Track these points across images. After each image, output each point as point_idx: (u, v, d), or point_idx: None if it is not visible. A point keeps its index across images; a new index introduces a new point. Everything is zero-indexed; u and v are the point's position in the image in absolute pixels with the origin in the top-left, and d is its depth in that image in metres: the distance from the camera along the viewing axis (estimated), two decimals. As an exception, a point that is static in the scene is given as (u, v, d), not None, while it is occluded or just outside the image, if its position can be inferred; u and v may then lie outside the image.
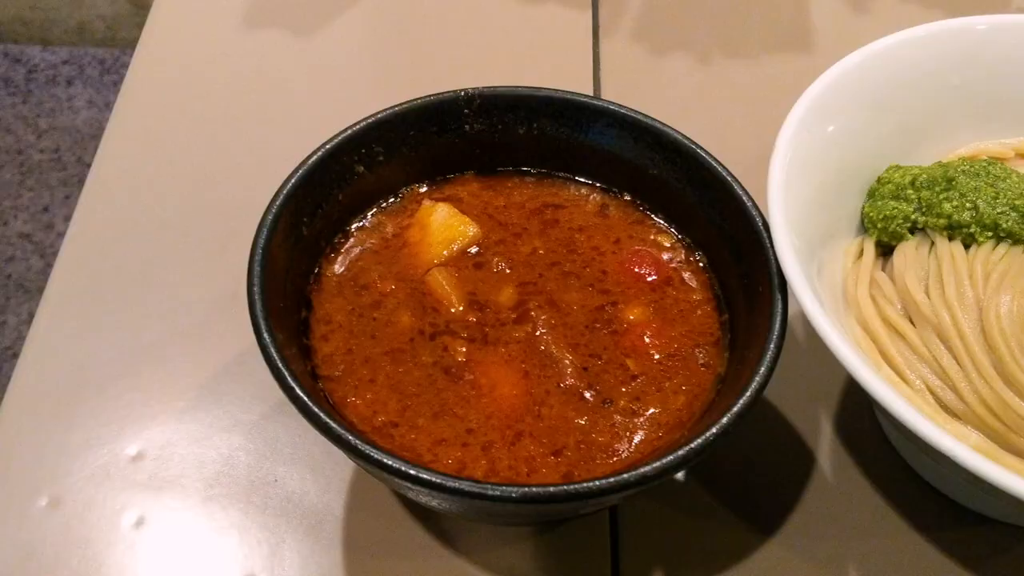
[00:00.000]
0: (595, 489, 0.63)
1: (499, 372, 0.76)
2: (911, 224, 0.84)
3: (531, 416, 0.74)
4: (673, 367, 0.77)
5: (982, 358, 0.73)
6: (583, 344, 0.78)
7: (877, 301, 0.81)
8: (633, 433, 0.73)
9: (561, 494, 0.63)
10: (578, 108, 0.88)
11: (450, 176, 0.91)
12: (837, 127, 0.86)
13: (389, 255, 0.85)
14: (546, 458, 0.72)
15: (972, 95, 0.94)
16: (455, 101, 0.87)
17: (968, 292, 0.76)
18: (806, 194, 0.83)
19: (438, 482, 0.63)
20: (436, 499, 0.66)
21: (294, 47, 1.31)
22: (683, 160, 0.84)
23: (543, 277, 0.83)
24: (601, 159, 0.89)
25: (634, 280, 0.83)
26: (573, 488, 0.63)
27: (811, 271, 0.81)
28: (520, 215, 0.88)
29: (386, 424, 0.73)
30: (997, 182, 0.82)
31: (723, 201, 0.81)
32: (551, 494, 0.63)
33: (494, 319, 0.80)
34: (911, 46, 0.89)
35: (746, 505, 0.86)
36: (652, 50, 1.34)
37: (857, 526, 0.86)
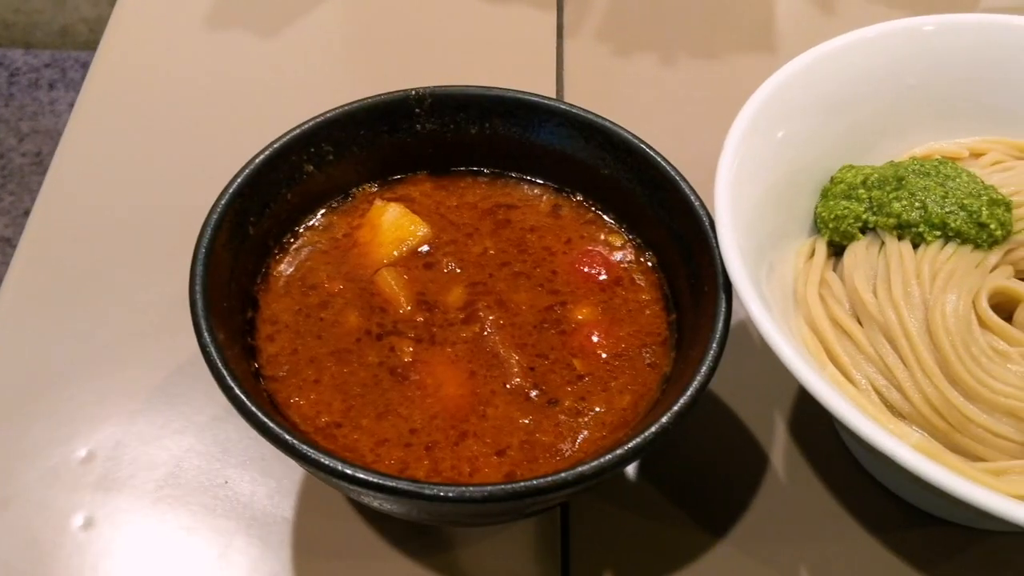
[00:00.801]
0: (532, 488, 0.63)
1: (445, 372, 0.76)
2: (862, 224, 0.84)
3: (476, 416, 0.73)
4: (620, 367, 0.77)
5: (927, 357, 0.73)
6: (531, 344, 0.78)
7: (826, 301, 0.80)
8: (577, 433, 0.73)
9: (498, 493, 0.63)
10: (529, 108, 0.87)
11: (403, 176, 0.91)
12: (788, 128, 0.86)
13: (338, 255, 0.84)
14: (489, 458, 0.71)
15: (928, 94, 0.94)
16: (406, 100, 0.87)
17: (915, 291, 0.76)
18: (756, 195, 0.83)
19: (374, 481, 0.63)
20: (375, 499, 0.66)
21: (256, 48, 1.31)
22: (633, 160, 0.84)
23: (493, 277, 0.82)
24: (554, 159, 0.88)
25: (584, 280, 0.82)
26: (510, 488, 0.63)
27: (760, 271, 0.80)
28: (472, 215, 0.88)
29: (329, 425, 0.73)
30: (947, 181, 0.81)
31: (672, 201, 0.81)
32: (487, 494, 0.63)
33: (442, 319, 0.79)
34: (861, 47, 0.89)
35: (699, 506, 0.86)
36: (616, 51, 1.34)
37: (810, 527, 0.86)
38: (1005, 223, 0.80)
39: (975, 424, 0.71)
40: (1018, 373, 0.72)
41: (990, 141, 0.94)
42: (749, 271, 0.74)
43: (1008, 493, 0.68)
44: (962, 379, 0.72)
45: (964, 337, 0.73)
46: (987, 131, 0.96)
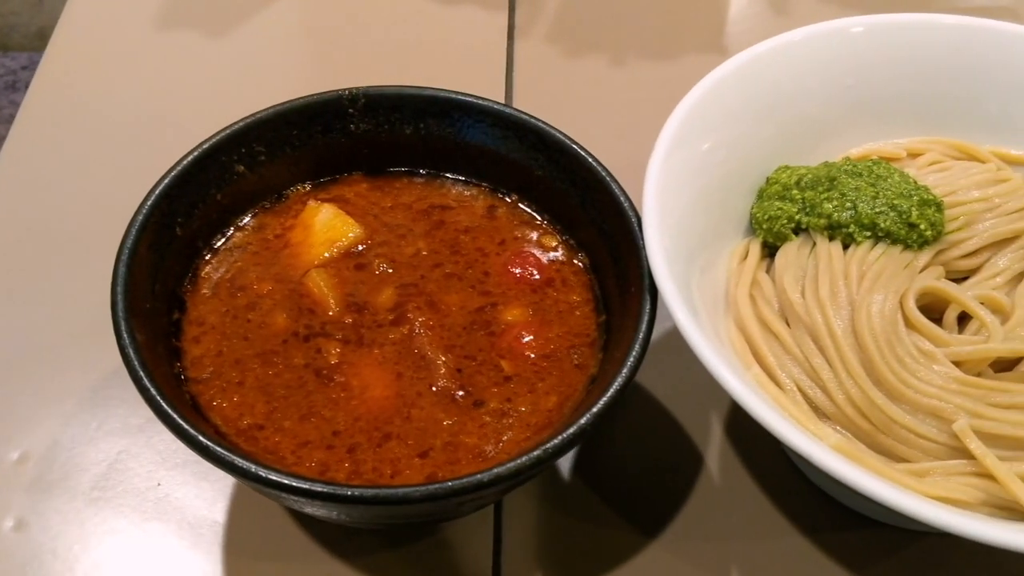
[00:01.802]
0: (447, 490, 0.63)
1: (371, 374, 0.75)
2: (795, 225, 0.84)
3: (400, 418, 0.73)
4: (547, 368, 0.77)
5: (851, 358, 0.73)
6: (459, 346, 0.78)
7: (756, 302, 0.80)
8: (502, 434, 0.73)
9: (413, 495, 0.63)
10: (463, 108, 0.87)
11: (338, 176, 0.90)
12: (719, 130, 0.86)
13: (269, 256, 0.84)
14: (411, 460, 0.71)
15: (866, 95, 0.94)
16: (338, 100, 0.87)
17: (842, 292, 0.76)
18: (687, 196, 0.83)
19: (285, 483, 0.63)
20: (291, 501, 0.65)
21: (203, 49, 1.31)
22: (566, 160, 0.83)
23: (425, 278, 0.82)
24: (489, 160, 0.88)
25: (515, 281, 0.82)
26: (425, 490, 0.63)
27: (691, 272, 0.80)
28: (407, 216, 0.87)
29: (251, 427, 0.72)
30: (879, 182, 0.81)
31: (602, 202, 0.81)
32: (402, 496, 0.62)
33: (371, 321, 0.79)
34: (789, 50, 0.89)
35: (632, 507, 0.86)
36: (567, 52, 1.33)
37: (742, 528, 0.86)
38: (936, 223, 0.80)
39: (898, 425, 0.71)
40: (942, 374, 0.72)
41: (928, 141, 0.94)
42: (675, 272, 0.74)
43: (928, 495, 0.68)
44: (886, 380, 0.71)
45: (889, 338, 0.73)
46: (926, 131, 0.96)
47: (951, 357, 0.74)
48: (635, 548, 0.84)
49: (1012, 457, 0.70)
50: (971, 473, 0.70)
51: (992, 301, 0.78)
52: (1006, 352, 0.74)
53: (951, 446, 0.70)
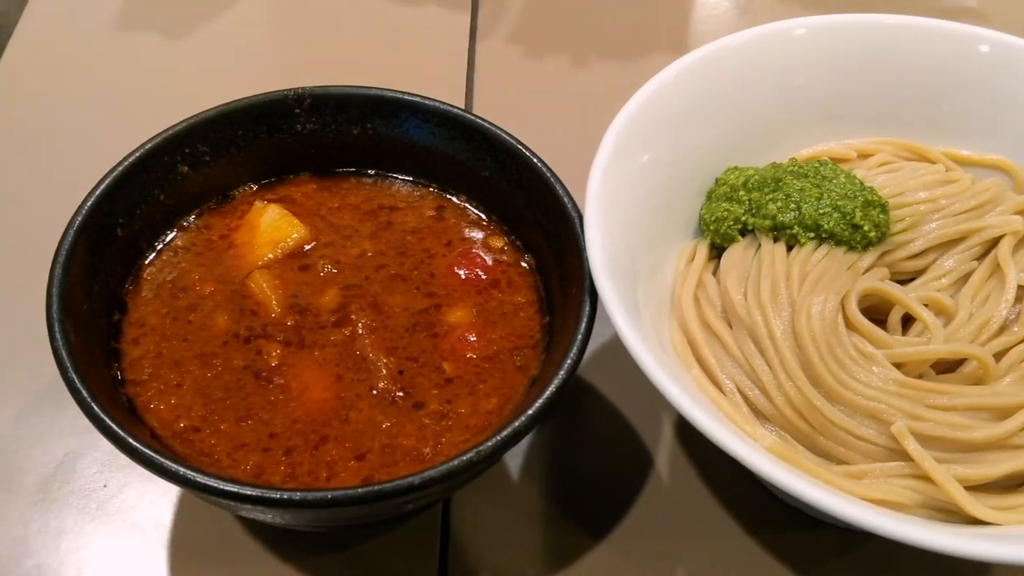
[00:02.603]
0: (377, 493, 0.63)
1: (311, 376, 0.75)
2: (742, 226, 0.84)
3: (338, 420, 0.73)
4: (489, 370, 0.76)
5: (790, 360, 0.73)
6: (402, 347, 0.77)
7: (700, 303, 0.80)
8: (441, 436, 0.72)
9: (343, 498, 0.63)
10: (410, 108, 0.87)
11: (286, 177, 0.90)
12: (667, 131, 0.86)
13: (213, 257, 0.83)
14: (348, 462, 0.70)
15: (818, 95, 0.94)
16: (284, 100, 0.86)
17: (783, 293, 0.76)
18: (634, 197, 0.82)
19: (212, 486, 0.62)
20: (224, 505, 0.65)
21: (163, 49, 1.30)
22: (512, 161, 0.83)
23: (369, 280, 0.82)
24: (437, 160, 0.88)
25: (461, 283, 0.82)
26: (355, 493, 0.63)
27: (636, 273, 0.80)
28: (354, 217, 0.87)
29: (188, 429, 0.72)
30: (824, 183, 0.81)
31: (547, 203, 0.80)
32: (330, 499, 0.62)
33: (313, 322, 0.79)
34: (735, 51, 0.89)
35: (581, 508, 0.86)
36: (528, 52, 1.33)
37: (690, 529, 0.85)
38: (880, 224, 0.80)
39: (836, 426, 0.71)
40: (881, 376, 0.72)
41: (879, 142, 0.94)
42: (617, 274, 0.74)
43: (863, 497, 0.68)
44: (824, 381, 0.71)
45: (829, 339, 0.73)
46: (879, 132, 0.95)
47: (891, 359, 0.74)
48: (582, 549, 0.84)
49: (950, 459, 0.70)
50: (908, 475, 0.70)
51: (936, 303, 0.78)
52: (946, 353, 0.74)
53: (889, 448, 0.70)
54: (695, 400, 0.66)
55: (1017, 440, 0.70)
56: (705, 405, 0.70)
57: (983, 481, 0.70)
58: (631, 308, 0.73)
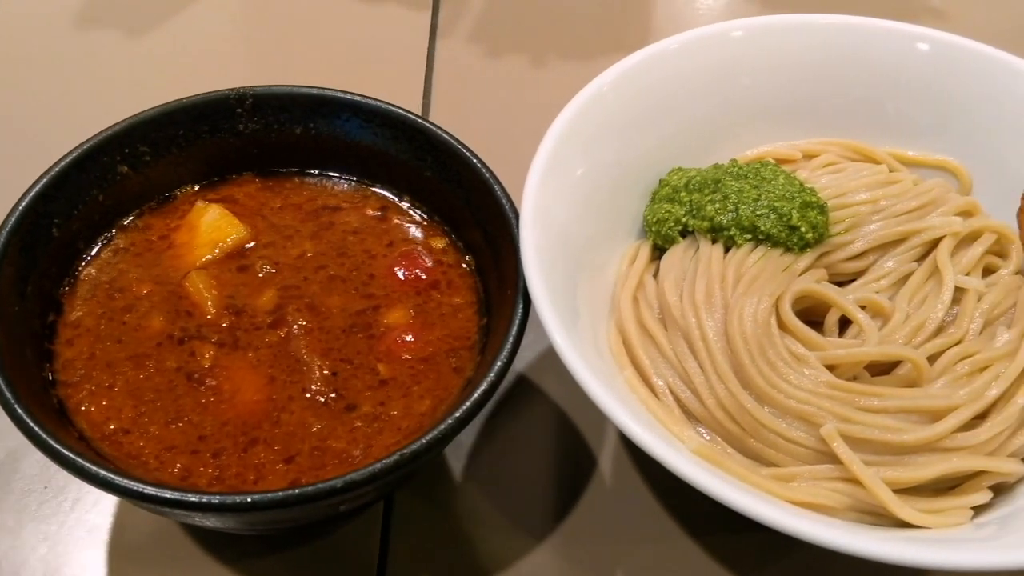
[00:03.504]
0: (296, 497, 0.62)
1: (244, 377, 0.75)
2: (682, 227, 0.83)
3: (269, 423, 0.72)
4: (424, 371, 0.76)
5: (722, 361, 0.72)
6: (337, 349, 0.77)
7: (639, 304, 0.80)
8: (372, 438, 0.72)
9: (262, 502, 0.62)
10: (352, 108, 0.87)
11: (229, 176, 0.89)
12: (609, 132, 0.86)
13: (152, 257, 0.83)
14: (276, 465, 0.70)
15: (766, 96, 0.94)
16: (225, 100, 0.86)
17: (716, 295, 0.76)
18: (575, 198, 0.82)
19: (131, 488, 0.62)
20: (146, 508, 0.65)
21: (124, 47, 1.29)
22: (452, 161, 0.83)
23: (308, 280, 0.81)
24: (380, 161, 0.88)
25: (400, 284, 0.82)
26: (273, 496, 0.62)
27: (578, 273, 0.80)
28: (295, 217, 0.87)
29: (117, 431, 0.72)
30: (762, 184, 0.81)
31: (486, 204, 0.80)
32: (249, 503, 0.62)
33: (249, 323, 0.78)
34: (677, 52, 0.89)
35: (523, 510, 0.86)
36: (488, 52, 1.33)
37: (631, 531, 0.85)
38: (818, 226, 0.80)
39: (766, 429, 0.71)
40: (812, 378, 0.72)
41: (825, 143, 0.93)
42: (553, 275, 0.74)
43: (790, 500, 0.68)
44: (755, 383, 0.71)
45: (760, 341, 0.72)
46: (827, 132, 0.95)
47: (824, 361, 0.73)
48: (522, 551, 0.84)
49: (880, 462, 0.70)
50: (837, 478, 0.69)
51: (873, 304, 0.78)
52: (878, 356, 0.73)
53: (819, 450, 0.70)
54: (622, 402, 0.66)
55: (948, 443, 0.70)
56: (634, 407, 0.70)
57: (912, 484, 0.69)
58: (566, 309, 0.73)
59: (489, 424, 0.90)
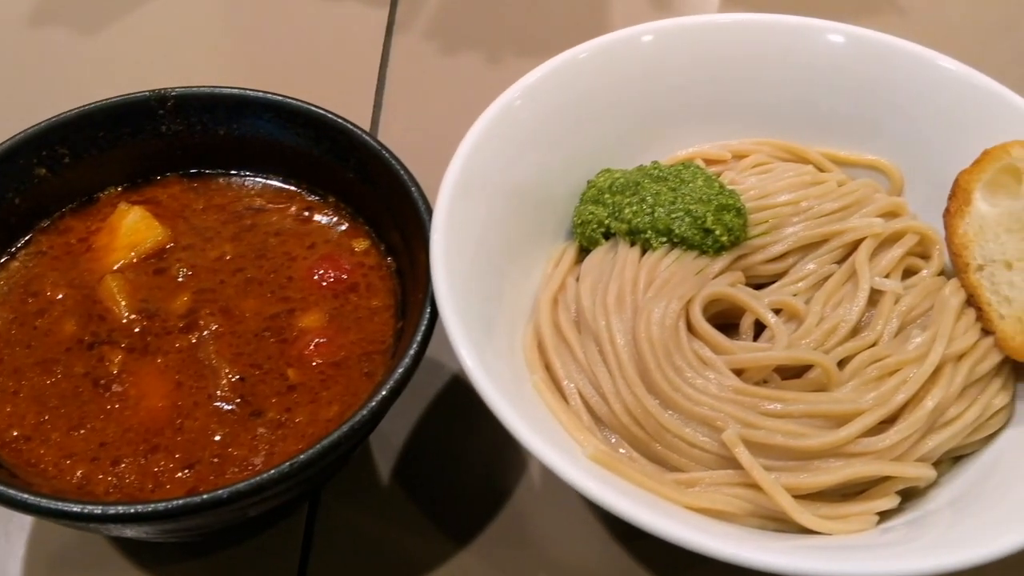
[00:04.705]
0: (181, 508, 0.62)
1: (151, 383, 0.74)
2: (605, 229, 0.83)
3: (171, 429, 0.72)
4: (334, 376, 0.75)
5: (628, 366, 0.72)
6: (247, 353, 0.76)
7: (558, 306, 0.79)
8: (274, 446, 0.72)
9: (147, 513, 0.62)
10: (274, 108, 0.86)
11: (154, 178, 0.88)
12: (534, 133, 0.85)
13: (70, 260, 0.82)
14: (175, 473, 0.70)
15: (697, 96, 0.93)
16: (146, 101, 0.85)
17: (627, 298, 0.75)
18: (497, 199, 0.82)
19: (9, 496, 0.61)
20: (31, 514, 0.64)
21: (77, 47, 1.28)
22: (372, 162, 0.83)
23: (224, 284, 0.81)
24: (305, 161, 0.87)
25: (318, 286, 0.81)
26: (157, 508, 0.62)
27: (502, 275, 0.80)
28: (218, 219, 0.86)
29: (19, 438, 0.72)
30: (681, 186, 0.80)
31: (403, 206, 0.80)
32: (133, 514, 0.61)
33: (160, 327, 0.78)
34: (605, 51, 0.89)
35: (450, 514, 0.86)
36: (443, 48, 1.32)
37: (557, 534, 0.85)
38: (734, 229, 0.79)
39: (671, 433, 0.70)
40: (718, 382, 0.71)
41: (757, 143, 0.92)
42: (465, 278, 0.74)
43: (688, 505, 0.67)
44: (660, 388, 0.71)
45: (667, 345, 0.72)
46: (761, 132, 0.94)
47: (731, 365, 0.73)
48: (446, 555, 0.83)
49: (783, 467, 0.69)
50: (739, 483, 0.69)
51: (789, 306, 0.77)
52: (785, 360, 0.73)
53: (722, 456, 0.69)
54: (519, 406, 0.65)
55: (852, 448, 0.69)
56: (536, 412, 0.69)
57: (814, 489, 0.69)
58: (477, 312, 0.73)
59: (421, 425, 0.89)
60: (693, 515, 0.66)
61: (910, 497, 0.73)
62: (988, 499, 0.70)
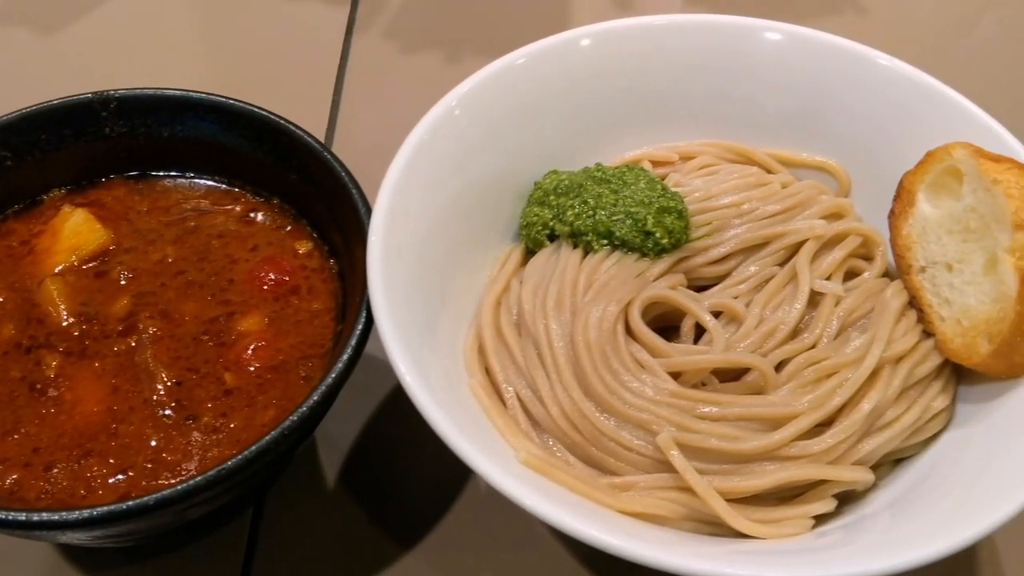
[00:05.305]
0: (106, 515, 0.62)
1: (88, 387, 0.74)
2: (550, 231, 0.82)
3: (106, 434, 0.71)
4: (272, 380, 0.75)
5: (566, 369, 0.72)
6: (185, 357, 0.76)
7: (501, 309, 0.79)
8: (207, 451, 0.71)
9: (71, 521, 0.61)
10: (217, 110, 0.86)
11: (99, 180, 0.88)
12: (479, 134, 0.85)
13: (11, 264, 0.82)
14: (108, 479, 0.70)
15: (645, 97, 0.93)
16: (89, 103, 0.85)
17: (567, 301, 0.75)
18: (440, 200, 0.82)
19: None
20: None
21: (29, 49, 1.28)
22: (314, 163, 0.82)
23: (165, 287, 0.80)
24: (247, 163, 0.87)
25: (259, 289, 0.81)
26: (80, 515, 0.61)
27: (444, 277, 0.79)
28: (161, 221, 0.86)
29: (-50, 445, 0.70)
30: (623, 188, 0.80)
31: (344, 207, 0.80)
32: (58, 521, 0.61)
33: (99, 331, 0.77)
34: (549, 53, 0.88)
35: (396, 518, 0.86)
36: (403, 48, 1.32)
37: (502, 538, 0.84)
38: (675, 231, 0.78)
39: (607, 437, 0.70)
40: (655, 385, 0.71)
41: (704, 144, 0.92)
42: (397, 280, 0.73)
43: (621, 510, 0.67)
44: (596, 391, 0.70)
45: (604, 348, 0.72)
46: (710, 133, 0.94)
47: (668, 368, 0.72)
48: (391, 558, 0.83)
49: (718, 471, 0.69)
50: (674, 487, 0.69)
51: (729, 309, 0.77)
52: (721, 363, 0.72)
53: (657, 459, 0.69)
54: (450, 410, 0.65)
55: (787, 451, 0.69)
56: (471, 416, 0.68)
57: (748, 493, 0.68)
58: (416, 315, 0.73)
59: (369, 426, 0.89)
60: (625, 520, 0.65)
61: (849, 501, 0.73)
62: (926, 502, 0.70)
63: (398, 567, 0.82)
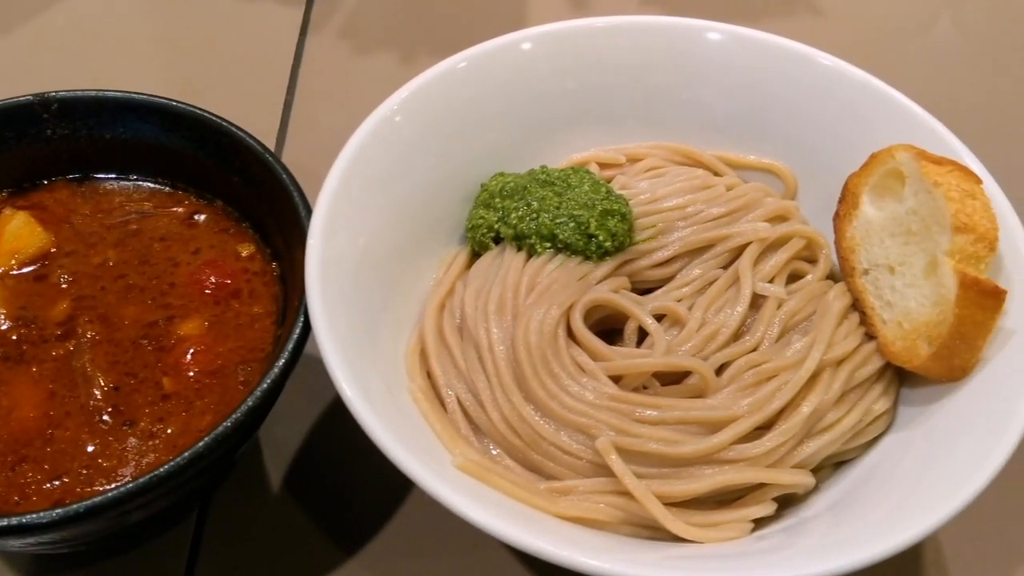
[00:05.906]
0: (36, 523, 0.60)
1: (24, 392, 0.73)
2: (495, 234, 0.82)
3: (41, 440, 0.71)
4: (210, 385, 0.74)
5: (506, 373, 0.71)
6: (123, 362, 0.75)
7: (444, 312, 0.78)
8: (143, 457, 0.70)
9: (2, 528, 0.60)
10: (159, 112, 0.85)
11: (41, 183, 0.87)
12: (423, 136, 0.85)
13: (-49, 268, 0.80)
14: (42, 485, 0.69)
15: (594, 99, 0.92)
16: (29, 105, 0.84)
17: (508, 304, 0.74)
18: (383, 202, 0.81)
19: None
20: None
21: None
22: (256, 166, 0.82)
23: (104, 291, 0.80)
24: (190, 165, 0.86)
25: (200, 293, 0.80)
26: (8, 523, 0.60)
27: (389, 280, 0.79)
28: (103, 224, 0.85)
29: None
30: (567, 191, 0.80)
31: (285, 210, 0.79)
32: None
33: (37, 336, 0.76)
34: (496, 54, 0.88)
35: (339, 523, 0.85)
36: (358, 48, 1.31)
37: (446, 543, 0.84)
38: (618, 234, 0.78)
39: (546, 441, 0.70)
40: (595, 389, 0.71)
41: (652, 146, 0.92)
42: (337, 284, 0.72)
43: (558, 514, 0.67)
44: (536, 395, 0.70)
45: (545, 352, 0.71)
46: (658, 135, 0.94)
47: (608, 372, 0.72)
48: (334, 564, 0.83)
49: (657, 475, 0.69)
50: (612, 491, 0.68)
51: (671, 312, 0.77)
52: (662, 366, 0.72)
53: (595, 463, 0.69)
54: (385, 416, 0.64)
55: (725, 455, 0.69)
56: (408, 421, 0.68)
57: (686, 497, 0.68)
58: (354, 320, 0.72)
59: (315, 430, 0.89)
60: (562, 525, 0.65)
61: (789, 504, 0.73)
62: (866, 504, 0.70)
63: (342, 573, 0.81)
